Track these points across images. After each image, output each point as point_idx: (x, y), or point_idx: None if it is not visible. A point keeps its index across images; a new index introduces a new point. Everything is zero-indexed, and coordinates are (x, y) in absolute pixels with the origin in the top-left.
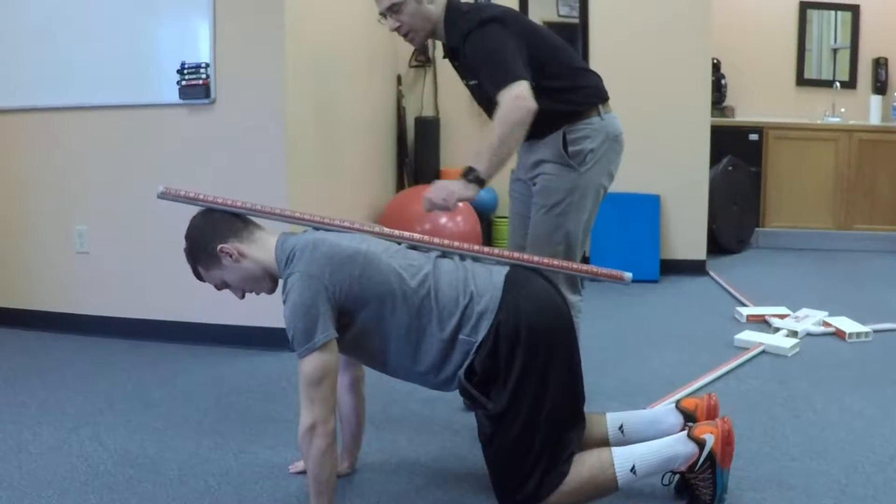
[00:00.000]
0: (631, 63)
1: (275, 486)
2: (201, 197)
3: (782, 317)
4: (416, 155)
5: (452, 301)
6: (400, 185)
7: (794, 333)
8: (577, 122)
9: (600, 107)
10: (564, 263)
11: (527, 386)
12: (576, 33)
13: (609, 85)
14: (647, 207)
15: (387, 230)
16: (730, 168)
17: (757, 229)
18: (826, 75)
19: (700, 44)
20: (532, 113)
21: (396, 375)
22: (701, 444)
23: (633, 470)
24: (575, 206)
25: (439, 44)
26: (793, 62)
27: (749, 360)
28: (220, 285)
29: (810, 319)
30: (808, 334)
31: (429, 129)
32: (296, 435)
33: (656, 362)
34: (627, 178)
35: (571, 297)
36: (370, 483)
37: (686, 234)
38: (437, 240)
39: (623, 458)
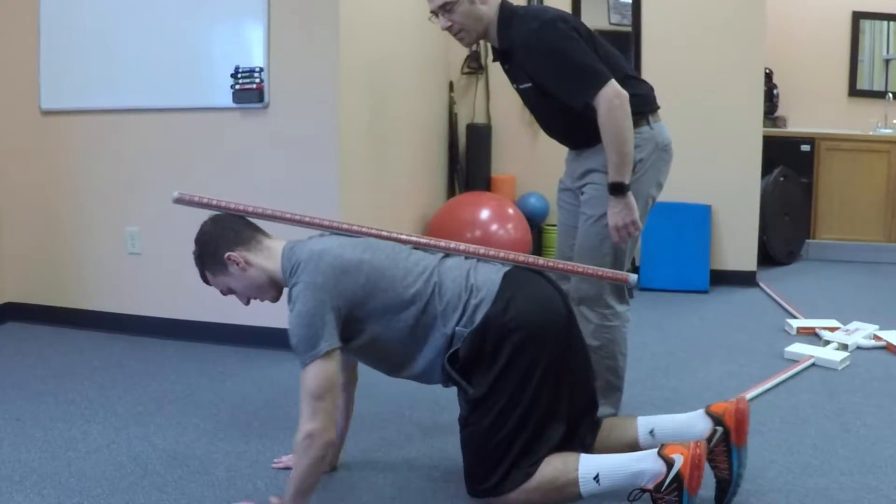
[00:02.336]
0: (683, 72)
1: (322, 489)
2: (214, 202)
3: (833, 330)
4: (468, 162)
5: (456, 297)
6: (451, 192)
7: (844, 347)
8: None
9: (650, 116)
10: (569, 265)
11: (509, 377)
12: (627, 41)
13: (661, 94)
14: (699, 217)
15: (385, 233)
16: (781, 179)
17: (807, 241)
18: (878, 86)
19: (752, 53)
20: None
21: (406, 376)
22: (669, 463)
23: (596, 479)
24: None
25: (492, 50)
26: (845, 72)
27: (799, 373)
28: (226, 291)
29: (861, 333)
30: (859, 348)
31: (480, 136)
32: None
33: (705, 373)
34: (679, 188)
35: (619, 308)
36: (419, 491)
37: (737, 244)
38: (443, 242)
39: (588, 466)
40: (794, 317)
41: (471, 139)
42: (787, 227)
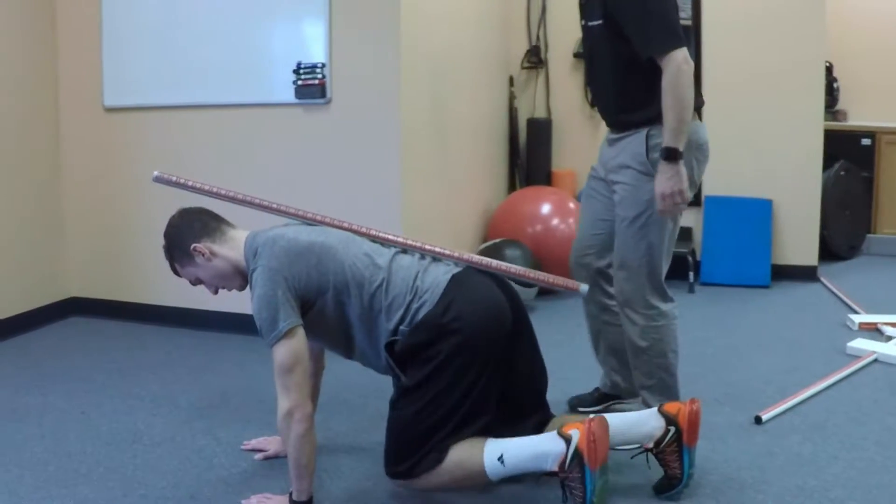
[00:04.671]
0: (744, 66)
1: (387, 481)
2: (190, 183)
3: (895, 325)
4: (528, 156)
5: (401, 296)
6: (511, 187)
7: None
8: (661, 125)
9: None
10: (522, 270)
11: (441, 376)
12: (687, 35)
13: (722, 88)
14: (759, 212)
15: (346, 224)
16: (842, 173)
17: (868, 235)
18: None
19: (813, 47)
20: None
21: (364, 362)
22: (567, 440)
23: (500, 459)
24: (656, 218)
25: (552, 44)
26: None
27: (861, 369)
28: (195, 281)
29: None
30: None
31: (541, 131)
32: None
33: (767, 368)
34: (739, 183)
35: (663, 307)
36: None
37: (798, 239)
38: (400, 238)
39: (493, 447)
40: (856, 312)
41: (531, 134)
42: (847, 222)
